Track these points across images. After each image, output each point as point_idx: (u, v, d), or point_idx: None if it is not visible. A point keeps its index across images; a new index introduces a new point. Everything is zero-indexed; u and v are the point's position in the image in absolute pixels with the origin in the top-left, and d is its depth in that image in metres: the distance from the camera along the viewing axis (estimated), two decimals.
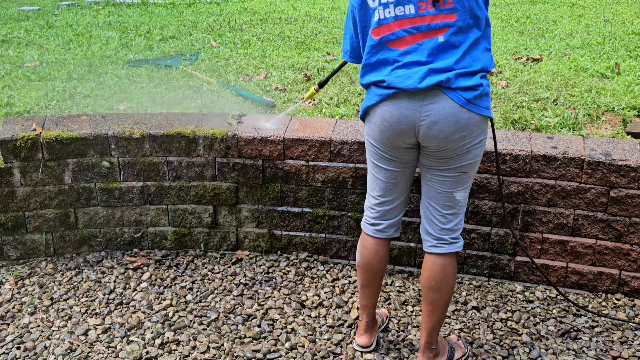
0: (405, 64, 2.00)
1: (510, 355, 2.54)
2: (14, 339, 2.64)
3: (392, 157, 2.19)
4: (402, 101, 2.02)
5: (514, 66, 4.22)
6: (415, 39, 1.98)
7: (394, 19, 1.99)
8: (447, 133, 2.01)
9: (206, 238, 3.26)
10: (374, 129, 2.14)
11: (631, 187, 2.72)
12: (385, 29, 2.01)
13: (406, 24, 1.98)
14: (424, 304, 2.29)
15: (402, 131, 2.07)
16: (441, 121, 2.00)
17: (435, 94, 1.98)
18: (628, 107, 3.41)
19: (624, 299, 2.86)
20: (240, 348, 2.57)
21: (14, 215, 3.12)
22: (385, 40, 2.02)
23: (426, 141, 2.06)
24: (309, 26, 5.71)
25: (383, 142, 2.14)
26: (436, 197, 2.19)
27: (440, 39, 1.96)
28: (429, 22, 1.96)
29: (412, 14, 1.97)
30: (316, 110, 3.48)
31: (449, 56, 1.97)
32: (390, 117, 2.06)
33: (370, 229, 2.35)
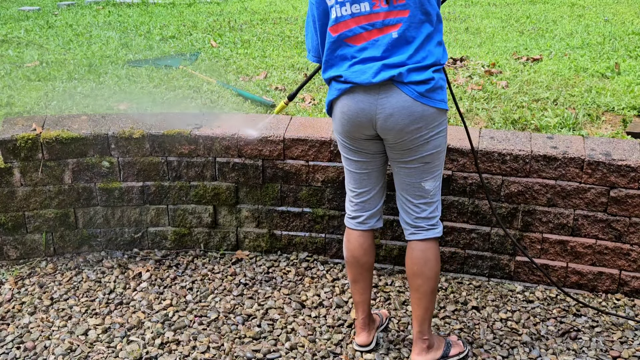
0: (362, 60, 2.09)
1: (510, 355, 2.54)
2: (14, 339, 2.64)
3: (357, 148, 2.27)
4: (359, 95, 2.11)
5: (514, 66, 4.22)
6: (371, 35, 2.06)
7: (351, 16, 2.06)
8: (402, 125, 2.10)
9: (206, 238, 3.26)
10: (337, 122, 2.23)
11: (631, 187, 2.72)
12: (342, 26, 2.08)
13: (362, 21, 2.05)
14: (411, 292, 2.36)
15: (360, 123, 2.16)
16: (396, 114, 2.09)
17: (389, 88, 2.07)
18: (628, 107, 3.41)
19: (624, 299, 2.86)
20: (240, 348, 2.57)
21: (14, 215, 3.12)
22: (343, 37, 2.09)
23: (384, 133, 2.15)
24: None
25: (346, 134, 2.23)
26: (406, 188, 2.27)
27: (394, 35, 2.04)
28: (383, 18, 2.04)
29: (367, 11, 2.04)
30: (316, 110, 3.48)
31: (403, 52, 2.05)
32: (348, 110, 2.15)
33: (352, 222, 2.42)
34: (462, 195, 2.93)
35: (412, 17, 2.03)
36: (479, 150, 2.84)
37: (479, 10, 6.50)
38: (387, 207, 3.02)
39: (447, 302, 2.87)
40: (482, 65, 4.22)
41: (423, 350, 2.40)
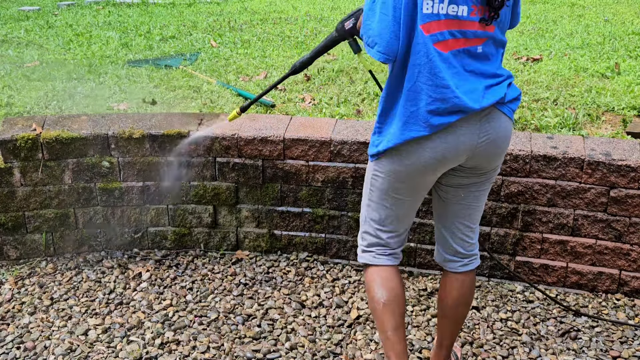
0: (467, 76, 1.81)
1: (510, 355, 2.54)
2: (14, 339, 2.64)
3: (420, 186, 1.97)
4: (461, 127, 1.82)
5: (514, 66, 4.22)
6: (457, 44, 1.78)
7: (445, 17, 1.75)
8: (503, 147, 1.92)
9: (206, 238, 3.26)
10: (416, 163, 1.87)
11: (631, 187, 2.72)
12: (434, 27, 1.75)
13: (454, 26, 1.76)
14: (449, 322, 2.18)
15: (455, 159, 1.88)
16: (499, 139, 1.88)
17: (492, 112, 1.85)
18: (628, 107, 3.41)
19: (624, 299, 2.86)
20: (240, 348, 2.57)
21: (14, 215, 3.12)
22: (434, 40, 1.76)
23: (477, 161, 1.91)
24: (309, 26, 5.71)
25: (421, 175, 1.91)
26: (470, 213, 2.06)
27: (479, 49, 1.80)
28: (477, 29, 1.78)
29: (464, 16, 1.76)
30: (316, 110, 3.48)
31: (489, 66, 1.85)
32: (446, 148, 1.83)
33: (388, 258, 2.09)
34: None
35: (497, 34, 1.83)
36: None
37: None
38: None
39: None
40: None
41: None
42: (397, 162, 1.89)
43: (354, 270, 3.12)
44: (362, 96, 3.72)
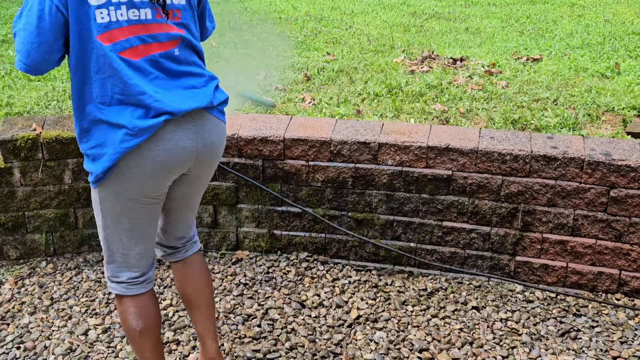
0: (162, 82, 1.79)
1: (510, 355, 2.54)
2: (14, 339, 2.64)
3: (158, 198, 1.90)
4: (178, 129, 1.79)
5: (514, 66, 4.22)
6: (150, 49, 1.75)
7: (128, 23, 1.71)
8: (221, 149, 1.96)
9: (206, 238, 3.26)
10: (141, 176, 1.79)
11: (631, 187, 2.72)
12: (117, 35, 1.70)
13: (141, 31, 1.73)
14: (201, 308, 2.18)
15: (182, 165, 1.85)
16: (216, 141, 1.91)
17: (203, 116, 1.86)
18: (628, 107, 3.41)
19: (624, 299, 2.86)
20: (240, 348, 2.57)
21: (14, 215, 3.12)
22: (120, 48, 1.70)
23: (199, 167, 1.91)
24: (309, 26, 5.71)
25: (151, 187, 1.84)
26: (195, 202, 2.09)
27: (176, 52, 1.80)
28: (167, 30, 1.77)
29: (150, 19, 1.74)
30: (316, 110, 3.48)
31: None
32: (166, 154, 1.78)
33: (141, 286, 2.00)
34: (462, 195, 2.93)
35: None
36: (479, 150, 2.84)
37: (479, 10, 6.50)
38: (386, 207, 3.02)
39: (447, 302, 2.87)
40: (482, 65, 4.22)
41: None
42: (123, 180, 1.79)
43: (354, 270, 3.12)
44: (362, 96, 3.72)
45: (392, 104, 3.55)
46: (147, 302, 2.01)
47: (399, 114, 3.44)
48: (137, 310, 1.99)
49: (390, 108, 3.51)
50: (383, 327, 2.71)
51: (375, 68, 4.25)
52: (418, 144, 2.90)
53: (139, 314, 1.99)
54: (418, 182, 2.94)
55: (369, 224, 3.07)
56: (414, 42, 5.03)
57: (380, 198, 3.01)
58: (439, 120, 3.36)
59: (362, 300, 2.89)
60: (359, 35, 5.29)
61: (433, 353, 2.55)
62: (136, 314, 1.99)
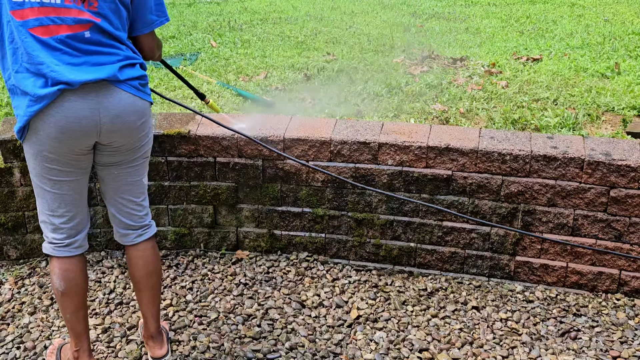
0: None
1: (510, 355, 2.54)
2: (14, 339, 2.64)
3: (70, 166, 2.09)
4: (75, 99, 1.97)
5: (514, 66, 4.22)
6: (60, 30, 1.95)
7: (39, 4, 1.91)
8: (130, 123, 2.08)
9: (206, 238, 3.26)
10: (46, 138, 1.99)
11: (631, 187, 2.72)
12: (28, 13, 1.91)
13: (51, 13, 1.92)
14: (145, 292, 2.34)
15: (83, 134, 2.01)
16: (122, 114, 2.04)
17: (107, 88, 2.01)
18: (628, 107, 3.41)
19: (624, 299, 2.86)
20: (240, 348, 2.57)
21: (14, 215, 3.12)
22: (30, 25, 1.92)
23: (109, 137, 2.06)
24: (309, 26, 5.71)
25: (58, 149, 2.02)
26: (129, 189, 2.24)
27: (87, 35, 1.97)
28: (76, 15, 1.94)
29: (59, 4, 1.92)
30: (316, 110, 3.48)
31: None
32: (66, 120, 1.97)
33: (66, 249, 2.20)
34: (462, 195, 2.93)
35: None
36: (479, 150, 2.84)
37: (479, 10, 6.50)
38: (386, 207, 3.02)
39: (447, 302, 2.87)
40: (482, 65, 4.22)
41: (162, 342, 2.44)
42: (36, 141, 2.01)
43: (354, 270, 3.12)
44: (362, 96, 3.72)
45: (392, 104, 3.55)
46: (71, 266, 2.20)
47: (399, 114, 3.44)
48: (61, 272, 2.19)
49: (390, 108, 3.51)
50: (383, 327, 2.71)
51: (375, 68, 4.25)
52: (418, 144, 2.90)
53: (62, 276, 2.19)
54: (418, 182, 2.94)
55: (369, 223, 3.07)
56: (414, 42, 5.03)
57: (380, 198, 3.01)
58: (439, 120, 3.36)
59: (362, 300, 2.89)
60: (359, 35, 5.29)
61: (433, 353, 2.55)
62: (59, 275, 2.19)
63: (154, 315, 2.39)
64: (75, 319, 2.25)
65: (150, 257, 2.33)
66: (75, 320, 2.25)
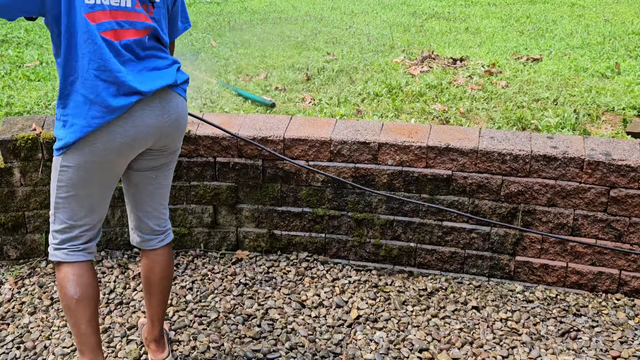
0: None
1: (510, 355, 2.54)
2: (14, 339, 2.64)
3: (112, 175, 2.04)
4: (146, 107, 1.96)
5: (514, 66, 4.22)
6: (127, 34, 1.93)
7: (110, 7, 1.88)
8: (184, 127, 2.12)
9: (206, 238, 3.26)
10: (107, 150, 1.93)
11: (631, 187, 2.72)
12: (100, 16, 1.86)
13: (120, 17, 1.90)
14: (156, 296, 2.31)
15: (145, 142, 2.00)
16: (180, 118, 2.08)
17: (168, 94, 2.02)
18: (628, 107, 3.42)
19: (624, 299, 2.86)
20: (240, 348, 2.57)
21: (14, 215, 3.12)
22: (102, 29, 1.87)
23: (165, 141, 2.07)
24: (309, 26, 5.71)
25: (115, 162, 1.98)
26: (161, 192, 2.22)
27: (146, 40, 1.97)
28: (143, 20, 1.95)
29: (129, 7, 1.92)
30: (316, 110, 3.48)
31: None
32: (135, 130, 1.94)
33: (81, 253, 2.10)
34: (462, 195, 2.93)
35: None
36: (479, 150, 2.84)
37: (479, 10, 6.50)
38: (386, 207, 3.02)
39: (447, 302, 2.87)
40: (482, 65, 4.22)
41: (164, 345, 2.42)
42: (89, 152, 1.91)
43: (354, 270, 3.12)
44: (362, 96, 3.72)
45: (392, 104, 3.55)
46: (85, 270, 2.10)
47: (399, 114, 3.44)
48: (76, 278, 2.07)
49: (390, 108, 3.51)
50: (383, 327, 2.71)
51: (375, 68, 4.25)
52: (418, 144, 2.90)
53: (77, 281, 2.07)
54: (418, 182, 2.94)
55: (369, 223, 3.07)
56: (414, 42, 5.03)
57: (380, 198, 3.01)
58: (439, 120, 3.36)
59: (362, 300, 2.89)
60: (359, 35, 5.29)
61: (433, 353, 2.55)
62: (74, 281, 2.07)
63: (161, 319, 2.37)
64: (90, 330, 2.11)
65: (166, 262, 2.30)
66: (91, 331, 2.11)
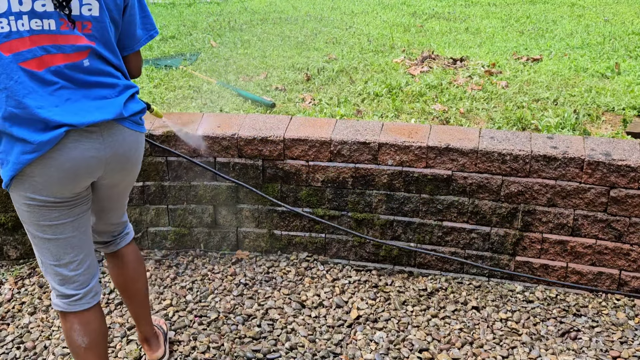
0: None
1: (510, 355, 2.54)
2: (14, 339, 2.64)
3: (72, 206, 1.87)
4: (83, 140, 1.78)
5: (514, 66, 4.22)
6: (55, 60, 1.72)
7: (30, 33, 1.67)
8: (136, 158, 1.96)
9: (206, 238, 3.26)
10: (46, 184, 1.77)
11: (631, 187, 2.72)
12: (18, 45, 1.66)
13: (45, 41, 1.69)
14: (133, 298, 2.26)
15: (89, 173, 1.84)
16: (128, 151, 1.91)
17: (112, 127, 1.85)
18: (628, 107, 3.42)
19: (624, 299, 2.86)
20: (240, 348, 2.57)
21: (14, 215, 3.12)
22: (21, 59, 1.67)
23: (112, 175, 1.92)
24: (309, 26, 5.71)
25: (61, 194, 1.82)
26: (118, 204, 2.13)
27: (85, 63, 1.76)
28: (75, 42, 1.73)
29: (54, 30, 1.70)
30: (316, 110, 3.48)
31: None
32: (74, 163, 1.76)
33: (84, 301, 1.96)
34: (462, 195, 2.93)
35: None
36: (479, 150, 2.84)
37: (479, 10, 6.50)
38: (386, 207, 3.02)
39: (447, 302, 2.87)
40: (482, 65, 4.22)
41: (159, 344, 2.42)
42: (30, 187, 1.77)
43: (354, 270, 3.12)
44: (362, 96, 3.72)
45: (392, 104, 3.55)
46: (92, 317, 1.96)
47: (399, 114, 3.44)
48: (82, 327, 1.95)
49: (390, 108, 3.51)
50: (383, 327, 2.71)
51: (375, 68, 4.25)
52: (418, 144, 2.90)
53: (84, 330, 1.95)
54: (418, 182, 2.94)
55: (369, 224, 3.07)
56: (414, 42, 5.03)
57: (380, 198, 3.01)
58: (439, 120, 3.36)
59: (362, 300, 2.89)
60: (359, 35, 5.29)
61: (433, 353, 2.55)
62: (81, 331, 1.94)
63: (146, 317, 2.34)
64: None
65: (133, 258, 2.24)
66: None
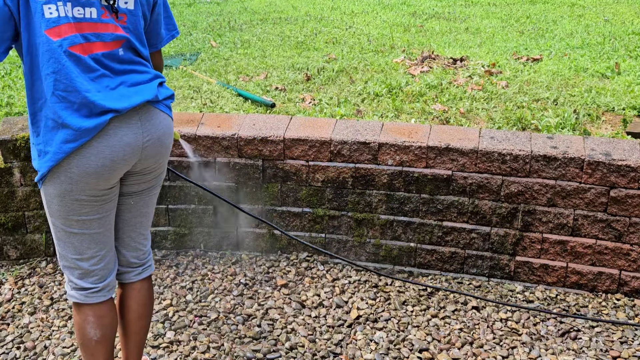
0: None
1: (510, 355, 2.54)
2: (14, 339, 2.64)
3: (103, 199, 1.86)
4: (121, 126, 1.78)
5: (514, 66, 4.22)
6: (95, 47, 1.75)
7: (74, 20, 1.70)
8: (167, 145, 1.93)
9: (206, 238, 3.26)
10: (83, 175, 1.76)
11: (631, 187, 2.72)
12: (65, 30, 1.69)
13: (86, 29, 1.72)
14: (132, 336, 2.12)
15: (125, 163, 1.82)
16: (162, 136, 1.89)
17: (148, 110, 1.85)
18: (628, 107, 3.42)
19: (624, 299, 2.86)
20: (240, 348, 2.57)
21: (14, 215, 3.12)
22: (68, 44, 1.69)
23: (146, 162, 1.89)
24: (309, 26, 5.71)
25: (96, 187, 1.81)
26: (142, 221, 2.04)
27: (120, 52, 1.80)
28: (113, 31, 1.76)
29: (95, 18, 1.73)
30: (316, 110, 3.48)
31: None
32: (111, 151, 1.76)
33: (101, 294, 1.95)
34: (462, 195, 2.93)
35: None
36: (479, 150, 2.84)
37: (479, 10, 6.50)
38: (386, 207, 3.02)
39: (447, 302, 2.87)
40: (482, 65, 4.22)
41: None
42: (66, 180, 1.76)
43: (354, 270, 3.12)
44: (362, 96, 3.72)
45: (392, 104, 3.55)
46: (106, 311, 1.97)
47: (399, 114, 3.44)
48: (96, 319, 1.95)
49: (390, 108, 3.51)
50: (383, 327, 2.71)
51: (375, 68, 4.25)
52: (418, 144, 2.90)
53: (98, 323, 1.96)
54: (418, 182, 2.94)
55: (369, 224, 3.07)
56: (414, 42, 5.03)
57: (380, 198, 3.01)
58: (439, 120, 3.36)
59: (362, 300, 2.89)
60: (359, 35, 5.29)
61: (433, 353, 2.55)
62: (95, 323, 1.95)
63: (139, 356, 2.18)
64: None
65: (145, 298, 2.11)
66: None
